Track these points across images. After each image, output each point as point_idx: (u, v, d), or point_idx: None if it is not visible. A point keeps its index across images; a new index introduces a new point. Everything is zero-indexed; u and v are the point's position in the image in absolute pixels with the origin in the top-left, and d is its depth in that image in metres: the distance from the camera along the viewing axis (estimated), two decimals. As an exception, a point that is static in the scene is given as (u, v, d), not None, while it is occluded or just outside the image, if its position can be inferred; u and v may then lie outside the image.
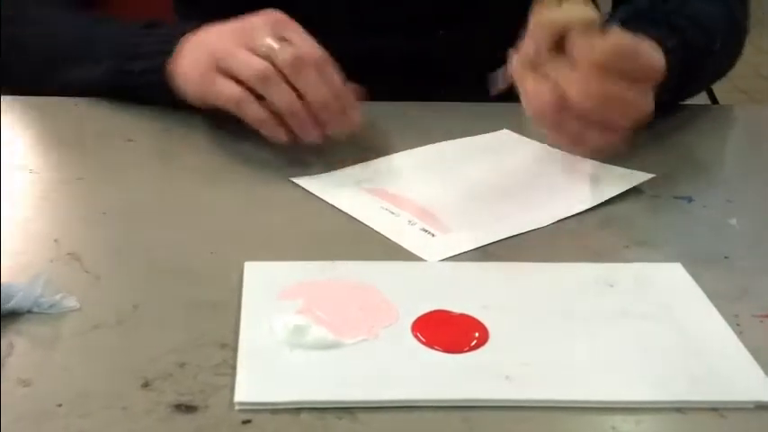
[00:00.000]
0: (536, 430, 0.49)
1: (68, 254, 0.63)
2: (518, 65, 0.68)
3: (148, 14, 0.88)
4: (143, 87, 0.83)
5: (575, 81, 0.65)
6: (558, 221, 0.70)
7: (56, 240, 0.64)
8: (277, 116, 0.74)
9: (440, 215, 0.71)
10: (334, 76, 0.75)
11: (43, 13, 0.91)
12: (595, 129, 0.67)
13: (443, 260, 0.64)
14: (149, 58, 0.82)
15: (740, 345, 0.56)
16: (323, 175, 0.76)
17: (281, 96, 0.73)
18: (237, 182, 0.76)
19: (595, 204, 0.72)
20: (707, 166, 0.83)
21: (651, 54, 0.67)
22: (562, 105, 0.65)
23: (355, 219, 0.70)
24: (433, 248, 0.66)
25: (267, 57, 0.73)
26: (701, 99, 1.04)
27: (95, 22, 0.89)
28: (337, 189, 0.74)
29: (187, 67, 0.79)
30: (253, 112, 0.74)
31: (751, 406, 0.51)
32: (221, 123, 0.85)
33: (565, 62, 0.66)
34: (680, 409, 0.51)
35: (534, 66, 0.67)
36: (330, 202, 0.72)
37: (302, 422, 0.48)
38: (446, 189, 0.74)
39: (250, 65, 0.73)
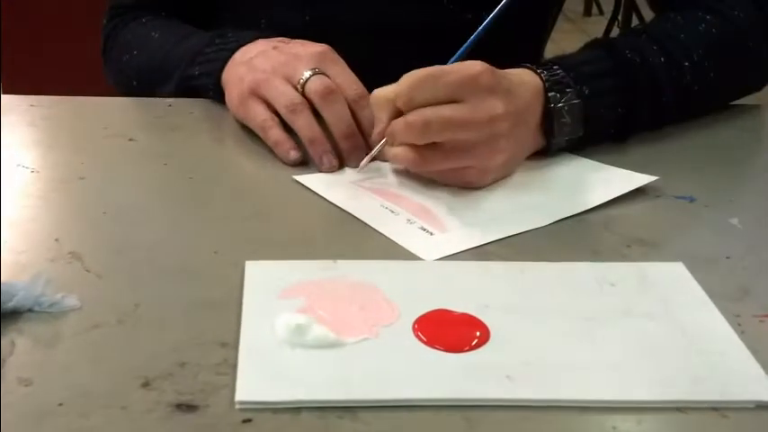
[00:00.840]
0: (537, 430, 0.49)
1: (69, 253, 0.63)
2: (377, 142, 0.75)
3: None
4: (202, 89, 0.89)
5: (399, 124, 0.71)
6: (560, 221, 0.70)
7: (57, 240, 0.64)
8: (292, 140, 0.78)
9: (439, 214, 0.71)
10: (368, 111, 0.78)
11: (143, 32, 1.00)
12: (456, 157, 0.72)
13: (440, 259, 0.64)
14: (208, 62, 0.88)
15: (741, 345, 0.55)
16: (323, 173, 0.77)
17: (305, 126, 0.78)
18: (239, 181, 0.76)
19: (596, 206, 0.72)
20: (709, 165, 0.83)
21: (462, 68, 0.70)
22: (417, 154, 0.71)
23: (356, 217, 0.70)
24: (430, 247, 0.66)
25: (301, 86, 0.79)
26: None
27: (181, 37, 0.95)
28: (338, 187, 0.74)
29: (230, 81, 0.85)
30: (273, 135, 0.79)
31: (752, 406, 0.51)
32: (223, 123, 0.85)
33: (398, 119, 0.72)
34: (681, 408, 0.50)
35: (388, 137, 0.73)
36: (330, 199, 0.72)
37: (303, 421, 0.48)
38: (446, 188, 0.74)
39: (282, 94, 0.79)
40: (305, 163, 0.78)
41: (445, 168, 0.73)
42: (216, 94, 0.87)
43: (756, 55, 0.91)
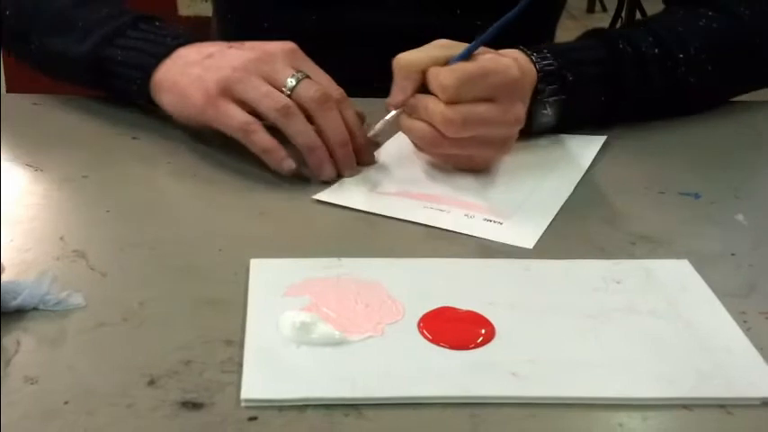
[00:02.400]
0: (542, 427, 0.49)
1: (74, 251, 0.63)
2: (393, 111, 0.75)
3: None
4: (118, 78, 0.82)
5: (437, 113, 0.71)
6: (565, 217, 0.70)
7: (61, 238, 0.64)
8: (282, 148, 0.74)
9: (482, 204, 0.72)
10: (353, 113, 0.77)
11: None
12: (474, 147, 0.74)
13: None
14: (135, 51, 0.81)
15: (747, 341, 0.55)
16: (336, 185, 0.74)
17: (303, 132, 0.73)
18: (243, 179, 0.76)
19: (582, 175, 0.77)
20: (714, 162, 0.82)
21: (505, 71, 0.72)
22: (437, 136, 0.72)
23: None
24: (518, 235, 0.67)
25: (291, 91, 0.74)
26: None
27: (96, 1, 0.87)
28: (366, 196, 0.73)
29: (184, 83, 0.77)
30: (260, 140, 0.73)
31: (758, 402, 0.51)
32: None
33: (430, 98, 0.72)
34: (687, 405, 0.50)
35: (408, 108, 0.74)
36: (370, 210, 0.71)
37: (309, 419, 0.48)
38: (455, 178, 0.76)
39: (273, 98, 0.73)
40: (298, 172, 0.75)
41: (458, 154, 0.75)
42: (140, 90, 0.80)
43: (764, 52, 0.91)
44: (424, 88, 0.73)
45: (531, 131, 0.81)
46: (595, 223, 0.70)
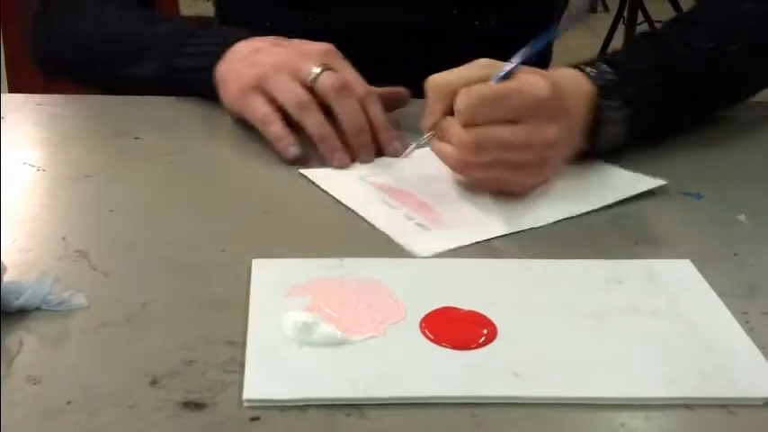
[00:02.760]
0: (544, 427, 0.49)
1: (76, 251, 0.63)
2: (427, 132, 0.73)
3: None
4: (190, 84, 0.87)
5: (454, 136, 0.70)
6: (568, 218, 0.70)
7: (64, 238, 0.65)
8: (293, 136, 0.78)
9: (440, 211, 0.71)
10: (377, 108, 0.79)
11: (101, 8, 0.94)
12: (500, 171, 0.71)
13: (436, 256, 0.64)
14: (197, 56, 0.87)
15: (749, 342, 0.55)
16: (331, 168, 0.77)
17: (315, 124, 0.77)
18: (245, 179, 0.76)
19: (598, 207, 0.72)
20: (716, 162, 0.82)
21: (530, 91, 0.69)
22: (462, 159, 0.70)
23: (354, 212, 0.70)
24: (424, 243, 0.66)
25: (311, 82, 0.78)
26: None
27: (151, 20, 0.92)
28: (343, 182, 0.75)
29: (229, 77, 0.83)
30: (274, 130, 0.78)
31: (760, 403, 0.51)
32: (229, 121, 0.85)
33: (452, 120, 0.70)
34: (689, 405, 0.50)
35: (438, 131, 0.72)
36: (332, 193, 0.73)
37: (311, 419, 0.48)
38: (450, 185, 0.75)
39: (290, 90, 0.78)
40: (305, 159, 0.77)
41: (486, 178, 0.72)
42: (210, 89, 0.85)
43: None
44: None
45: (598, 152, 0.78)
46: (598, 223, 0.70)
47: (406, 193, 0.73)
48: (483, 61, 0.72)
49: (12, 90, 1.41)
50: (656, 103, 0.79)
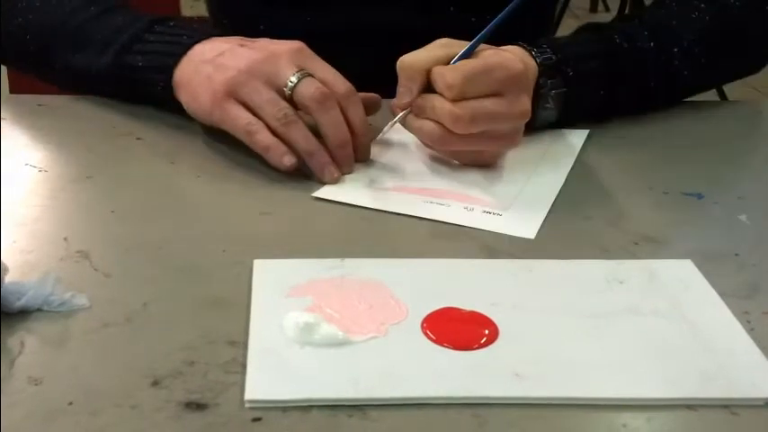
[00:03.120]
0: (546, 427, 0.49)
1: (78, 252, 0.63)
2: (400, 113, 0.75)
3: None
4: (143, 84, 0.83)
5: (445, 111, 0.71)
6: (568, 217, 0.70)
7: (65, 239, 0.65)
8: (282, 145, 0.74)
9: (481, 196, 0.73)
10: (359, 110, 0.77)
11: None
12: (483, 143, 0.74)
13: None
14: (154, 54, 0.82)
15: (751, 342, 0.55)
16: (333, 183, 0.75)
17: (302, 139, 0.74)
18: (246, 179, 0.76)
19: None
20: (717, 162, 0.82)
21: (509, 65, 0.73)
22: (446, 134, 0.72)
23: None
24: (518, 225, 0.68)
25: (289, 90, 0.75)
26: (710, 95, 1.04)
27: (105, 10, 0.88)
28: (366, 192, 0.74)
29: (194, 81, 0.78)
30: (262, 139, 0.74)
31: (761, 403, 0.51)
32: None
33: (436, 97, 0.72)
34: (691, 406, 0.50)
35: (414, 109, 0.74)
36: (369, 206, 0.71)
37: (313, 419, 0.48)
38: (457, 172, 0.77)
39: (274, 106, 0.74)
40: (299, 166, 0.75)
41: (467, 150, 0.76)
42: (165, 91, 0.81)
43: (754, 41, 0.94)
44: (428, 88, 0.73)
45: (533, 126, 0.82)
46: (598, 223, 0.70)
47: (432, 190, 0.74)
48: (442, 41, 0.75)
49: (13, 91, 1.40)
50: (591, 86, 0.84)
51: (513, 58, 0.74)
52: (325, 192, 0.73)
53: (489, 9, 0.75)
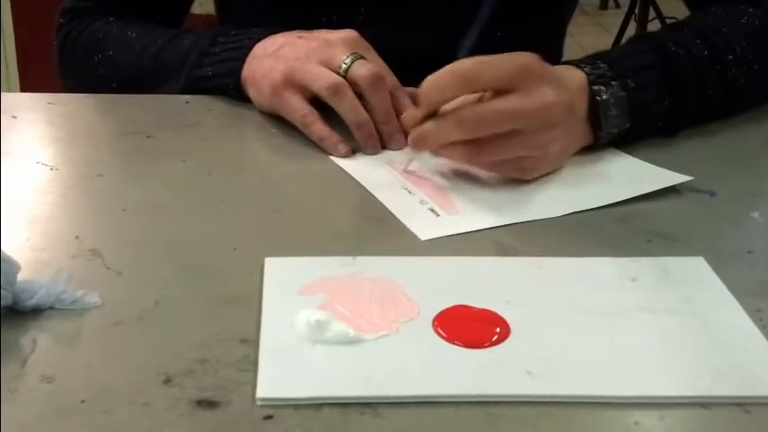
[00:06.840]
0: (558, 425, 0.49)
1: (90, 250, 0.63)
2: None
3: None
4: (219, 90, 0.88)
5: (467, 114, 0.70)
6: (579, 215, 0.70)
7: (77, 237, 0.65)
8: (336, 134, 0.79)
9: (455, 198, 0.72)
10: (406, 101, 0.80)
11: (123, 32, 0.95)
12: (509, 147, 0.71)
13: (433, 239, 0.66)
14: (222, 63, 0.87)
15: (764, 339, 0.55)
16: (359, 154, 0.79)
17: (351, 109, 0.78)
18: (257, 177, 0.76)
19: (616, 201, 0.72)
20: (730, 159, 0.82)
21: (510, 60, 0.70)
22: (470, 147, 0.71)
23: (376, 197, 0.71)
24: (428, 227, 0.67)
25: (343, 72, 0.78)
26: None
27: (170, 38, 0.92)
28: (367, 166, 0.77)
29: (258, 75, 0.83)
30: (317, 130, 0.79)
31: (775, 401, 0.51)
32: (241, 119, 0.85)
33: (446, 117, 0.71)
34: (704, 404, 0.50)
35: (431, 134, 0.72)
36: (353, 175, 0.74)
37: (324, 417, 0.48)
38: (472, 175, 0.75)
39: (322, 77, 0.78)
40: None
41: (500, 159, 0.72)
42: (236, 93, 0.86)
43: None
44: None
45: (599, 140, 0.78)
46: (610, 221, 0.70)
47: (427, 180, 0.75)
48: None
49: (24, 89, 1.41)
50: (655, 94, 0.80)
51: (517, 53, 0.71)
52: (343, 162, 0.77)
53: (503, 39, 0.74)
